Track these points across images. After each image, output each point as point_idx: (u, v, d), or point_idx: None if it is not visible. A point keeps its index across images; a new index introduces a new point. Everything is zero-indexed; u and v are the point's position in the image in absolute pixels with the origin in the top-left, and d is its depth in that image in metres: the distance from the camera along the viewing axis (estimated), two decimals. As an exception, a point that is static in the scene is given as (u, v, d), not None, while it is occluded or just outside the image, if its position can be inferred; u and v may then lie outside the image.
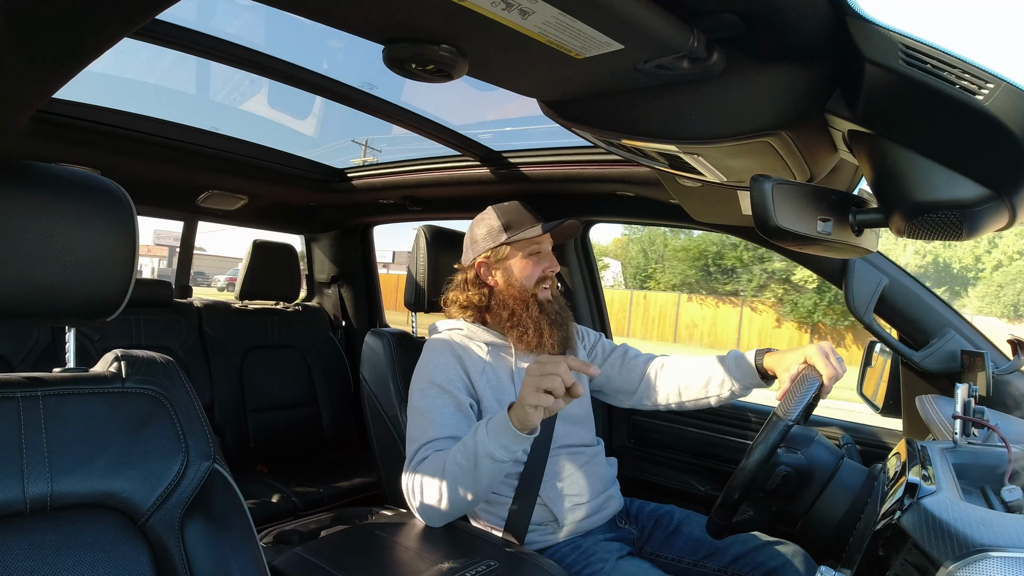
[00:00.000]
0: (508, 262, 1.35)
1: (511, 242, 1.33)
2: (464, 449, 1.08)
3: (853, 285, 1.33)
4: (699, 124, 0.84)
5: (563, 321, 1.36)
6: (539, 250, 1.35)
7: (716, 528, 1.06)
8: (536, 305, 1.33)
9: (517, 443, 1.04)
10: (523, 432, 1.02)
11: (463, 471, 1.08)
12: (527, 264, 1.34)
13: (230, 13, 1.36)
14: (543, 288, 1.35)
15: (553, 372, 0.97)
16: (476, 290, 1.36)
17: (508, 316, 1.32)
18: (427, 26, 0.70)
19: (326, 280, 2.83)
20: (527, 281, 1.33)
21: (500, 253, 1.35)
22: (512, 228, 1.33)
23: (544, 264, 1.35)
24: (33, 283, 0.68)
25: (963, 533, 0.61)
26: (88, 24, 0.59)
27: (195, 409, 0.81)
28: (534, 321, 1.31)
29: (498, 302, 1.34)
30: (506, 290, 1.34)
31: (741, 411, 1.74)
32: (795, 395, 1.04)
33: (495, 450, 1.04)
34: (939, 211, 0.69)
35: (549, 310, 1.34)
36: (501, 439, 1.04)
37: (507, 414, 1.04)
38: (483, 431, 1.06)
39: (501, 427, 1.04)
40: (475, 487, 1.09)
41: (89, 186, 0.74)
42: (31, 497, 0.67)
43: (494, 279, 1.36)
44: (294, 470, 2.25)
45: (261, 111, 1.95)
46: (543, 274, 1.35)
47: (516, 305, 1.32)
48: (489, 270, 1.36)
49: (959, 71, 0.59)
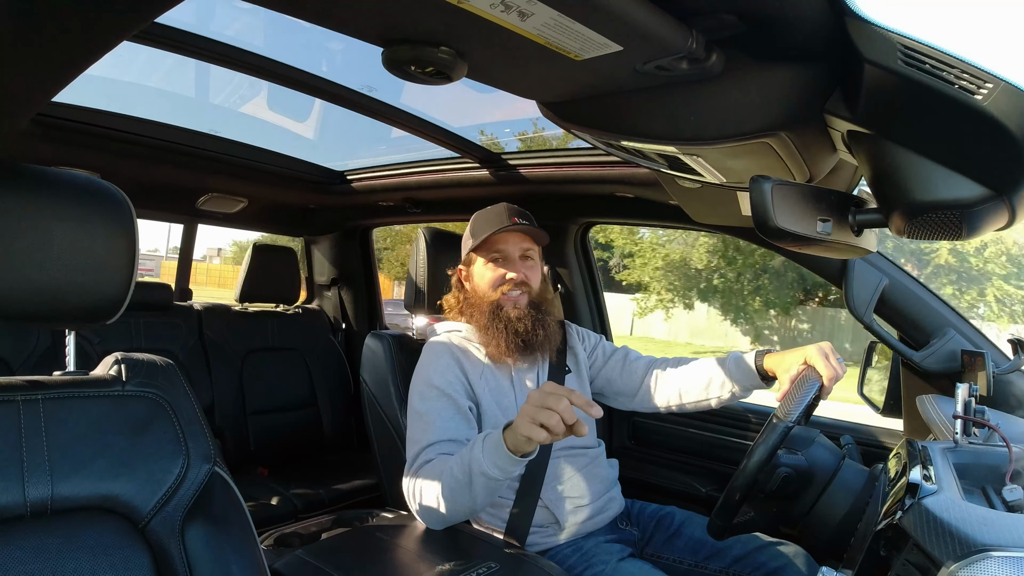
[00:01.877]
0: (472, 268, 1.37)
1: (474, 248, 1.34)
2: (460, 463, 1.07)
3: (853, 285, 1.33)
4: (698, 125, 0.84)
5: (534, 341, 1.30)
6: (503, 255, 1.33)
7: (717, 529, 1.06)
8: (499, 314, 1.29)
9: (511, 465, 1.01)
10: (516, 455, 1.00)
11: (459, 484, 1.06)
12: (487, 270, 1.34)
13: (229, 16, 1.36)
14: (507, 297, 1.31)
15: (552, 408, 0.91)
16: (458, 293, 1.39)
17: (482, 323, 1.31)
18: (426, 28, 0.70)
19: (326, 282, 2.83)
20: (487, 287, 1.33)
21: (470, 259, 1.37)
22: (476, 234, 1.33)
23: (503, 270, 1.32)
24: (33, 286, 0.68)
25: (964, 533, 0.61)
26: (88, 27, 0.59)
27: (195, 412, 0.81)
28: (501, 330, 1.28)
29: (469, 307, 1.35)
30: (472, 296, 1.35)
31: (742, 412, 1.73)
32: (795, 396, 1.04)
33: (489, 468, 1.02)
34: (938, 211, 0.69)
35: (516, 325, 1.28)
36: (495, 458, 1.01)
37: (502, 434, 1.01)
38: (479, 447, 1.04)
39: (496, 446, 1.01)
40: (471, 500, 1.08)
41: (89, 189, 0.74)
42: (32, 500, 0.67)
43: (469, 285, 1.38)
44: (294, 472, 2.25)
45: (261, 114, 1.95)
46: (503, 280, 1.31)
47: (479, 313, 1.32)
48: (466, 276, 1.39)
49: (958, 71, 0.59)
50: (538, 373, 1.35)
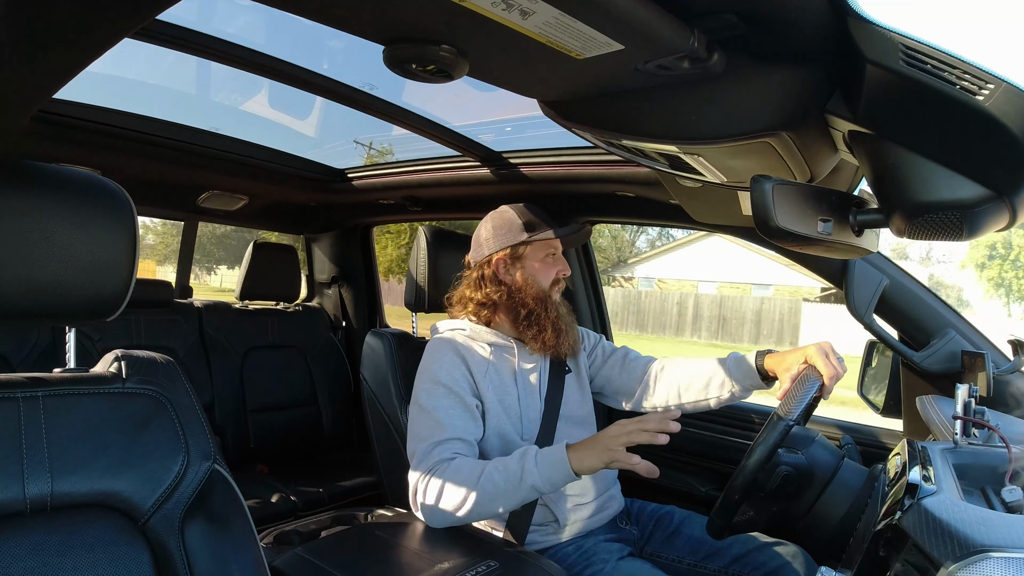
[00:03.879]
0: (527, 261, 1.35)
1: (531, 241, 1.33)
2: (507, 472, 1.09)
3: (853, 285, 1.33)
4: (699, 124, 0.84)
5: (573, 324, 1.39)
6: (554, 252, 1.38)
7: (716, 528, 1.06)
8: (553, 306, 1.34)
9: (565, 481, 1.07)
10: (580, 472, 1.05)
11: (499, 491, 1.08)
12: (544, 265, 1.35)
13: (230, 13, 1.36)
14: (556, 290, 1.37)
15: (643, 428, 1.01)
16: (494, 287, 1.34)
17: (525, 315, 1.32)
18: (427, 26, 0.70)
19: (326, 280, 2.83)
20: (543, 281, 1.34)
21: (519, 251, 1.34)
22: (533, 228, 1.34)
23: (559, 266, 1.37)
24: (34, 283, 0.68)
25: (963, 533, 0.61)
26: (89, 24, 0.59)
27: (195, 409, 0.81)
28: (552, 321, 1.32)
29: (516, 300, 1.33)
30: (524, 289, 1.33)
31: (742, 412, 1.74)
32: (796, 395, 1.04)
33: (541, 484, 1.06)
34: (939, 211, 0.69)
35: (563, 312, 1.36)
36: (550, 475, 1.06)
37: (565, 452, 1.06)
38: (532, 461, 1.08)
39: (554, 464, 1.06)
40: (504, 506, 1.11)
41: (90, 186, 0.74)
42: (31, 497, 0.67)
43: (512, 277, 1.34)
44: (294, 470, 2.25)
45: (261, 111, 1.95)
46: (557, 276, 1.36)
47: (535, 304, 1.32)
48: (508, 267, 1.34)
49: (959, 71, 0.59)
50: (540, 372, 1.35)
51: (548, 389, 1.34)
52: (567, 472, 1.05)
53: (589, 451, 1.04)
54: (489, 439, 1.25)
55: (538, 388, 1.33)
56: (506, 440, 1.25)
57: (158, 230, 22.72)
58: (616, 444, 1.01)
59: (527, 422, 1.29)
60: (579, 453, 1.05)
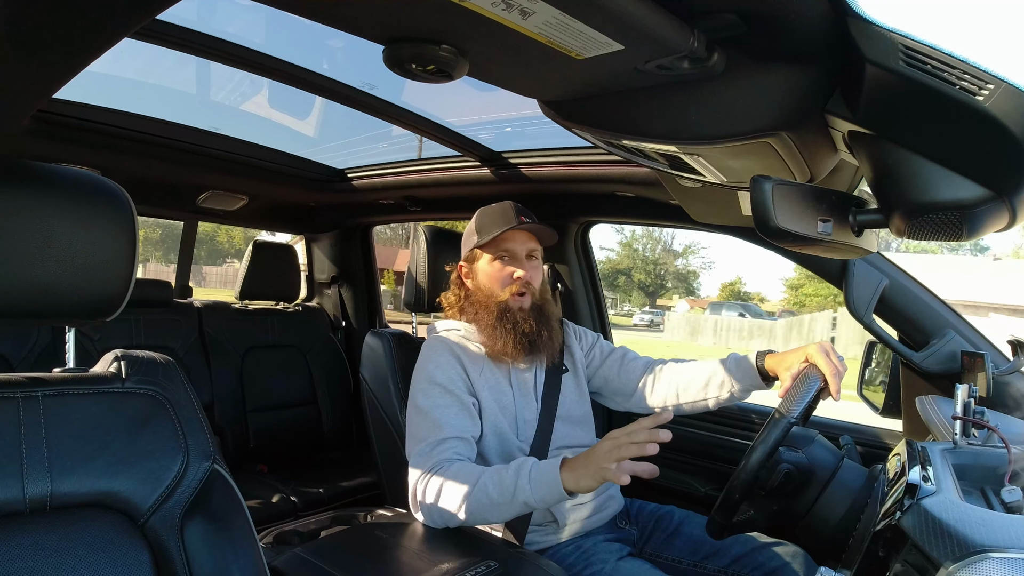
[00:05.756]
0: (476, 264, 1.36)
1: (480, 245, 1.33)
2: (500, 485, 1.07)
3: (853, 286, 1.33)
4: (699, 124, 0.84)
5: (539, 342, 1.30)
6: (510, 253, 1.32)
7: (716, 528, 1.06)
8: (504, 313, 1.29)
9: (557, 500, 1.04)
10: (575, 492, 1.02)
11: (492, 503, 1.07)
12: (494, 268, 1.33)
13: (230, 13, 1.36)
14: (515, 296, 1.31)
15: (633, 442, 0.97)
16: (457, 290, 1.39)
17: (485, 323, 1.31)
18: (427, 26, 0.70)
19: (326, 280, 2.83)
20: (493, 286, 1.32)
21: (474, 256, 1.36)
22: (482, 231, 1.33)
23: (512, 268, 1.32)
24: (33, 283, 0.68)
25: (963, 534, 0.61)
26: (89, 24, 0.58)
27: (195, 409, 0.81)
28: (510, 331, 1.28)
29: (471, 305, 1.34)
30: (476, 294, 1.34)
31: (742, 412, 1.74)
32: (796, 393, 1.04)
33: (533, 501, 1.04)
34: (939, 212, 0.69)
35: (523, 326, 1.28)
36: (543, 494, 1.03)
37: (559, 472, 1.02)
38: (526, 478, 1.05)
39: (548, 484, 1.03)
40: (496, 517, 1.11)
41: (89, 186, 0.73)
42: (31, 497, 0.67)
43: (470, 283, 1.37)
44: (294, 470, 2.25)
45: (261, 111, 1.95)
46: (511, 279, 1.31)
47: (483, 311, 1.31)
48: (468, 273, 1.38)
49: (959, 72, 0.59)
50: (536, 372, 1.35)
51: (544, 389, 1.34)
52: (559, 492, 1.02)
53: (583, 471, 1.01)
54: (487, 438, 1.25)
55: (533, 388, 1.33)
56: (503, 440, 1.25)
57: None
58: (608, 461, 0.97)
59: (523, 422, 1.29)
60: (574, 473, 1.01)
